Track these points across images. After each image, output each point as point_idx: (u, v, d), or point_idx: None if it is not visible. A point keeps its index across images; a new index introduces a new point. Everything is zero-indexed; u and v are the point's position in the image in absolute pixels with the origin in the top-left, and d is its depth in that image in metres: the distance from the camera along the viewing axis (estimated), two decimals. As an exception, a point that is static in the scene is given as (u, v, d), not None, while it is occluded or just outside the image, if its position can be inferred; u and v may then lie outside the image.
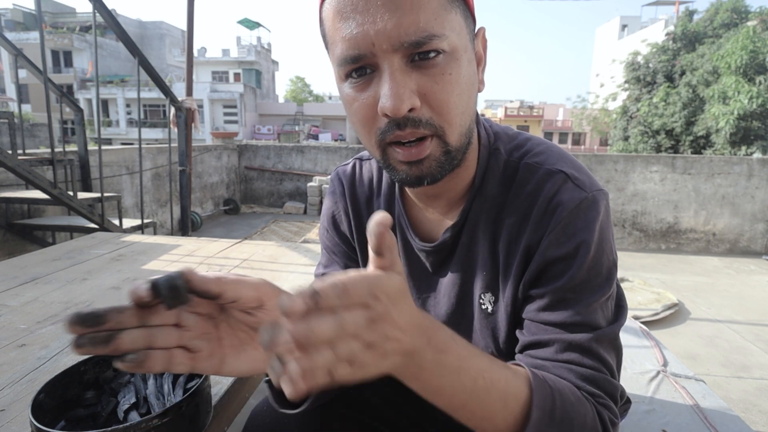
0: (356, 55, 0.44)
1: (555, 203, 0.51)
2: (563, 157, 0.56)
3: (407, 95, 0.44)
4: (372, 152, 0.51)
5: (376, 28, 0.42)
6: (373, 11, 0.42)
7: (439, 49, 0.44)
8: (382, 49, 0.43)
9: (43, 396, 0.52)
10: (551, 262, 0.51)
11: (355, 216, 0.68)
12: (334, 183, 0.71)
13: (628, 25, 28.00)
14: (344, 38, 0.44)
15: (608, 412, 0.48)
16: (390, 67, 0.44)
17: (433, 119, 0.46)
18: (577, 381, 0.47)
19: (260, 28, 31.20)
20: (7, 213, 2.91)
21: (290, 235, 5.80)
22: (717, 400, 1.02)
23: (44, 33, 2.23)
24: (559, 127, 36.78)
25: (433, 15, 0.43)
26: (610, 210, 0.55)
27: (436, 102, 0.45)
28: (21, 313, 0.94)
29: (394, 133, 0.46)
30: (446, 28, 0.44)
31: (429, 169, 0.48)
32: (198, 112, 4.22)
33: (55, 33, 26.08)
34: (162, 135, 23.85)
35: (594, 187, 0.52)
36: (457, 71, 0.46)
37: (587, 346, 0.49)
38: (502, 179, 0.57)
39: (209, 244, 1.57)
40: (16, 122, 2.81)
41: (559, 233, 0.51)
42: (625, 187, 5.63)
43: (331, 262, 0.71)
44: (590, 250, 0.50)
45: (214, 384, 0.68)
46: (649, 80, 12.16)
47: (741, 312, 3.49)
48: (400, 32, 0.42)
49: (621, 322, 0.53)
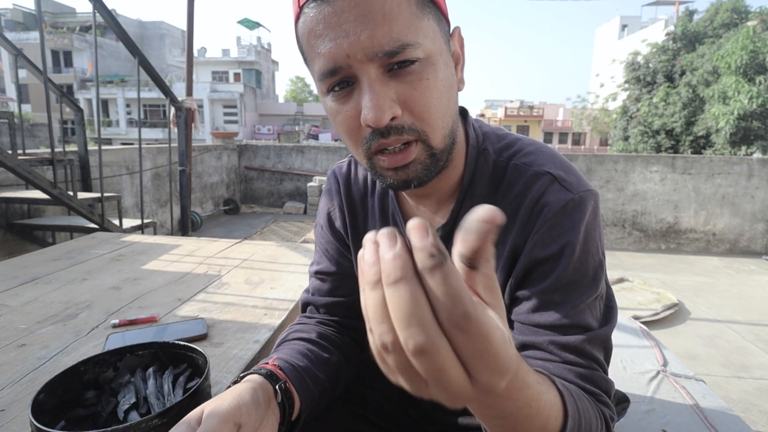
0: (333, 68, 0.45)
1: (541, 204, 0.52)
2: (552, 158, 0.56)
3: (387, 105, 0.44)
4: (360, 161, 0.52)
5: (350, 41, 0.43)
6: (345, 26, 0.43)
7: (414, 58, 0.44)
8: (357, 60, 0.43)
9: (43, 396, 0.52)
10: (537, 263, 0.52)
11: (350, 213, 0.69)
12: (330, 181, 0.72)
13: (628, 25, 27.99)
14: (320, 54, 0.45)
15: (608, 409, 0.49)
16: (368, 79, 0.44)
17: (416, 125, 0.47)
18: (578, 381, 0.48)
19: (260, 28, 31.20)
20: (7, 213, 2.91)
21: (290, 235, 5.80)
22: (717, 400, 1.02)
23: (44, 33, 2.23)
24: (559, 127, 36.76)
25: (405, 24, 0.43)
26: (600, 210, 0.55)
27: (417, 108, 0.46)
28: (21, 313, 0.94)
29: (378, 142, 0.47)
30: (419, 35, 0.44)
31: (415, 173, 0.49)
32: (198, 112, 4.22)
33: (55, 33, 26.07)
34: (162, 135, 23.85)
35: (581, 188, 0.53)
36: (434, 76, 0.46)
37: (581, 348, 0.49)
38: (490, 179, 0.57)
39: (209, 244, 1.57)
40: (16, 122, 2.81)
41: (544, 234, 0.51)
42: (625, 187, 5.62)
43: (324, 259, 0.72)
44: (575, 251, 0.50)
45: (214, 384, 0.68)
46: (649, 80, 12.16)
47: (741, 312, 3.49)
48: (374, 43, 0.43)
49: (612, 324, 0.54)
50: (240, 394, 0.46)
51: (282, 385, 0.52)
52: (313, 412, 0.58)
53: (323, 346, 0.65)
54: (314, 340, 0.65)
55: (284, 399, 0.52)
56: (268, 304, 1.02)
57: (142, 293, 1.07)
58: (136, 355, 0.63)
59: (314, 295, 0.73)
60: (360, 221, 0.68)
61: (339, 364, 0.65)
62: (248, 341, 0.83)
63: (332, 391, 0.63)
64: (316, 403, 0.58)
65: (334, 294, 0.71)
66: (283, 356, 0.58)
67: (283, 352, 0.60)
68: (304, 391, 0.55)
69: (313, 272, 0.74)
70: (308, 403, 0.56)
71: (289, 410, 0.52)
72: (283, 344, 0.65)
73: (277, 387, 0.51)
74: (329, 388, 0.61)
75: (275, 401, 0.51)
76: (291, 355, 0.59)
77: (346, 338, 0.71)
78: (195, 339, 0.82)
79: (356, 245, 0.68)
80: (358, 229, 0.68)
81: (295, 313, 0.99)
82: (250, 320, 0.92)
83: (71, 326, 0.88)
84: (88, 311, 0.95)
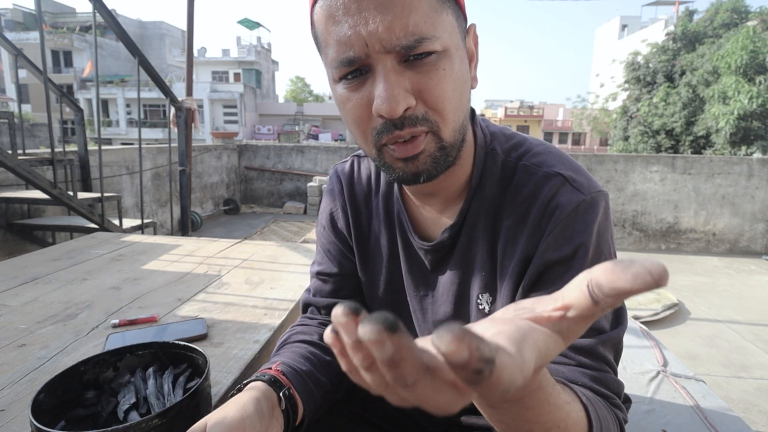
0: (351, 57, 0.44)
1: (553, 206, 0.51)
2: (561, 158, 0.56)
3: (402, 96, 0.44)
4: (367, 151, 0.51)
5: (368, 30, 0.42)
6: (365, 14, 0.42)
7: (431, 50, 0.44)
8: (375, 50, 0.43)
9: (43, 396, 0.52)
10: (550, 265, 0.51)
11: (353, 214, 0.68)
12: (333, 181, 0.71)
13: (628, 25, 27.99)
14: (337, 41, 0.44)
15: (621, 412, 0.49)
16: (384, 68, 0.44)
17: (429, 114, 0.46)
18: (592, 384, 0.48)
19: (260, 28, 31.19)
20: (7, 213, 2.91)
21: (290, 235, 5.80)
22: (717, 400, 1.02)
23: (44, 33, 2.23)
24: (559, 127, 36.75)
25: (423, 17, 0.43)
26: (610, 210, 0.54)
27: (431, 97, 0.45)
28: (21, 313, 0.94)
29: (392, 134, 0.46)
30: (437, 29, 0.44)
31: (425, 165, 0.48)
32: (198, 112, 4.22)
33: (55, 33, 26.07)
34: (162, 135, 23.85)
35: (592, 188, 0.52)
36: (450, 67, 0.46)
37: (594, 350, 0.49)
38: (499, 180, 0.56)
39: (209, 244, 1.57)
40: (16, 122, 2.81)
41: (557, 236, 0.51)
42: (625, 187, 5.62)
43: (326, 260, 0.71)
44: (589, 253, 0.50)
45: (214, 384, 0.68)
46: (649, 80, 12.16)
47: (741, 312, 3.49)
48: (392, 35, 0.42)
49: (624, 326, 0.53)
50: (244, 406, 0.46)
51: (286, 392, 0.52)
52: (315, 415, 0.58)
53: (325, 348, 0.65)
54: (316, 342, 0.65)
55: (288, 406, 0.51)
56: (268, 304, 1.02)
57: (142, 293, 1.07)
58: (136, 355, 0.63)
59: (315, 296, 0.72)
60: (364, 221, 0.68)
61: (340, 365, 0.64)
62: (248, 341, 0.83)
63: (334, 393, 0.62)
64: (319, 406, 0.58)
65: (335, 295, 0.71)
66: (286, 360, 0.58)
67: (285, 356, 0.60)
68: (307, 396, 0.55)
69: (314, 272, 0.73)
70: (311, 408, 0.56)
71: (293, 416, 0.52)
72: (285, 346, 0.64)
73: (281, 394, 0.51)
74: (331, 391, 0.61)
75: (279, 409, 0.51)
76: (293, 359, 0.59)
77: None
78: (195, 339, 0.82)
79: (359, 246, 0.68)
80: (362, 229, 0.68)
81: (296, 313, 0.99)
82: (250, 320, 0.92)
83: (71, 326, 0.88)
84: (88, 311, 0.95)
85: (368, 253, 0.68)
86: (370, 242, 0.67)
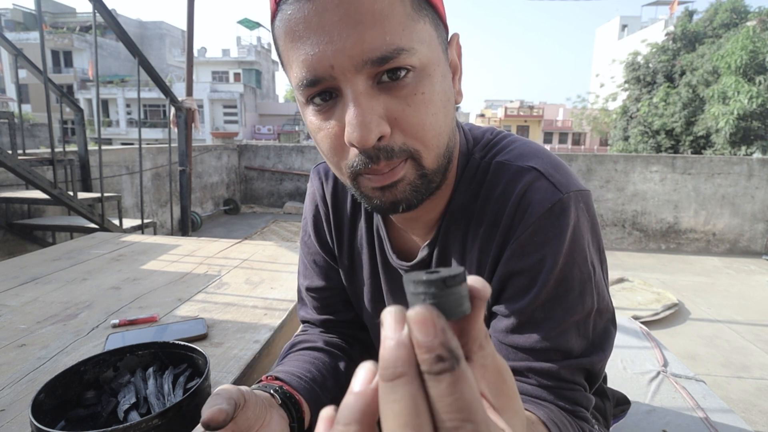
0: (313, 78, 0.39)
1: (525, 204, 0.46)
2: (539, 152, 0.50)
3: (375, 122, 0.38)
4: (344, 182, 0.47)
5: (335, 48, 0.37)
6: (329, 28, 0.37)
7: (409, 66, 0.39)
8: (342, 70, 0.38)
9: (43, 396, 0.52)
10: (514, 274, 0.47)
11: (336, 223, 0.64)
12: (314, 184, 0.66)
13: (628, 25, 28.01)
14: (299, 61, 0.39)
15: (587, 424, 0.48)
16: (353, 92, 0.38)
17: (407, 144, 0.41)
18: (555, 400, 0.47)
19: (260, 28, 31.17)
20: (7, 213, 2.91)
21: (290, 235, 5.79)
22: (717, 400, 1.02)
23: (44, 33, 2.23)
24: (559, 127, 36.76)
25: (399, 26, 0.38)
26: (593, 213, 0.49)
27: (409, 126, 0.40)
28: (21, 313, 0.94)
29: (368, 168, 0.42)
30: (414, 40, 0.39)
31: (403, 194, 0.44)
32: (198, 112, 4.22)
33: (55, 33, 26.08)
34: (162, 135, 23.86)
35: (571, 187, 0.47)
36: (430, 89, 0.41)
37: (558, 375, 0.46)
38: (471, 183, 0.51)
39: (209, 244, 1.57)
40: (16, 122, 2.81)
41: (524, 242, 0.46)
42: (625, 187, 5.62)
43: (312, 273, 0.68)
44: (557, 262, 0.45)
45: (214, 384, 0.68)
46: (649, 80, 12.17)
47: (741, 312, 3.49)
48: (363, 48, 0.37)
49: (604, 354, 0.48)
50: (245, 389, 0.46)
51: (278, 389, 0.51)
52: None
53: (330, 352, 0.64)
54: (320, 347, 0.64)
55: (293, 409, 0.51)
56: (268, 304, 1.02)
57: (142, 293, 1.07)
58: (136, 355, 0.63)
59: (309, 314, 0.70)
60: (346, 233, 0.64)
61: (347, 369, 0.63)
62: (248, 341, 0.83)
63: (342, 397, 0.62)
64: None
65: (328, 312, 0.68)
66: (287, 369, 0.57)
67: (287, 365, 0.59)
68: (314, 401, 0.54)
69: (303, 287, 0.70)
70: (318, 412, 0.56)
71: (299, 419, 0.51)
72: (289, 355, 0.63)
73: (272, 391, 0.50)
74: (340, 396, 0.61)
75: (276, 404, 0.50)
76: (298, 366, 0.58)
77: (354, 349, 0.69)
78: (195, 339, 0.82)
79: (342, 256, 0.65)
80: (344, 241, 0.64)
81: (296, 313, 0.99)
82: (250, 320, 0.92)
83: (71, 326, 0.88)
84: (88, 311, 0.95)
85: (352, 267, 0.65)
86: (354, 254, 0.64)
